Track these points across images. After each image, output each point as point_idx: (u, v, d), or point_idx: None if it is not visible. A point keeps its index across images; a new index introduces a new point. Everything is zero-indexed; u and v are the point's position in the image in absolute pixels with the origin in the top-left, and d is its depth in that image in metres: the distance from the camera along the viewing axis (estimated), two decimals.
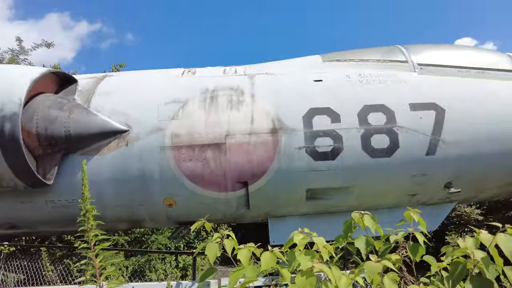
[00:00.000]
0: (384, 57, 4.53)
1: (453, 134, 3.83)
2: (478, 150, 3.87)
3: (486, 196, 4.58)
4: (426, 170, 3.86)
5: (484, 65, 4.45)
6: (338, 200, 4.00)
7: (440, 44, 4.87)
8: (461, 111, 3.93)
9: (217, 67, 4.78)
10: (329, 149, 3.77)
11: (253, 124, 3.86)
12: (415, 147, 3.80)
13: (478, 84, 4.21)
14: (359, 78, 4.19)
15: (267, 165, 3.77)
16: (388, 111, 3.88)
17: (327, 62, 4.53)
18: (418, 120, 3.85)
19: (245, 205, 3.96)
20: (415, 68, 4.37)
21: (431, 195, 4.08)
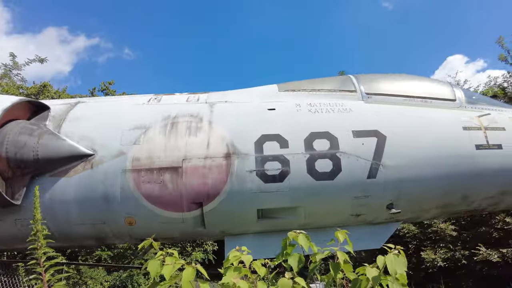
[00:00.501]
0: (335, 87, 4.93)
1: (393, 159, 4.18)
2: (417, 174, 4.21)
3: (429, 216, 4.89)
4: (367, 192, 4.19)
5: (427, 94, 4.85)
6: (288, 219, 4.31)
7: (389, 74, 5.28)
8: (401, 137, 4.29)
9: (184, 93, 5.15)
10: (278, 172, 4.10)
11: (209, 149, 4.21)
12: (356, 171, 4.13)
13: (419, 112, 4.60)
14: (308, 107, 4.56)
15: (220, 187, 4.09)
16: (332, 137, 4.23)
17: (282, 91, 4.92)
18: (360, 146, 4.20)
19: (201, 224, 4.26)
20: (362, 97, 4.76)
21: (375, 215, 4.40)
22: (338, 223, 4.48)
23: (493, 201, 4.64)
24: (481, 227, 10.43)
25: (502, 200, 4.67)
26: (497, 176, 4.39)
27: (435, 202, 4.46)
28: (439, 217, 5.27)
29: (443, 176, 4.26)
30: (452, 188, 4.36)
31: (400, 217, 4.54)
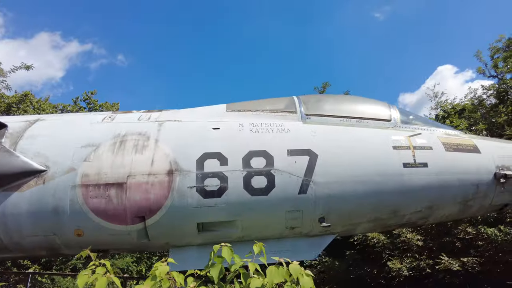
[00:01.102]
0: (278, 107, 5.29)
1: (323, 176, 4.52)
2: (346, 190, 4.56)
3: (362, 229, 5.23)
4: (299, 207, 4.52)
5: (363, 115, 5.23)
6: (227, 232, 4.62)
7: (331, 95, 5.68)
8: (332, 156, 4.64)
9: (141, 111, 5.49)
10: (216, 188, 4.42)
11: (153, 166, 4.52)
12: (289, 187, 4.47)
13: (353, 132, 4.96)
14: (251, 127, 4.91)
15: (162, 202, 4.40)
16: (268, 156, 4.57)
17: (229, 111, 5.27)
18: (293, 164, 4.54)
19: (145, 236, 4.56)
20: (302, 118, 5.13)
21: (310, 228, 4.72)
22: (276, 235, 4.81)
23: (422, 215, 4.99)
24: (446, 237, 10.79)
25: (430, 214, 5.02)
26: (424, 192, 4.74)
27: (366, 216, 4.80)
28: (373, 230, 5.58)
29: (372, 192, 4.61)
30: (381, 203, 4.70)
31: (334, 230, 4.87)
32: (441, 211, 5.04)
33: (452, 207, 5.01)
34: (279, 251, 4.80)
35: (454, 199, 4.91)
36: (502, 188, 4.88)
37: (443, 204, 4.92)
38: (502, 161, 5.01)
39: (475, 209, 5.16)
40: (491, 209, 5.39)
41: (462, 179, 4.84)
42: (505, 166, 4.99)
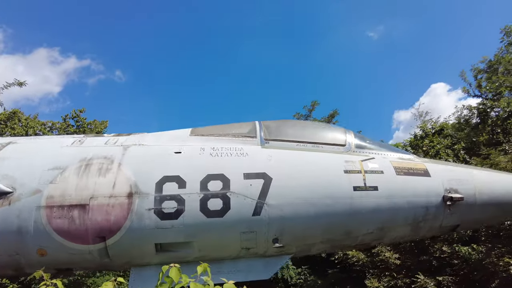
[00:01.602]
0: (240, 132, 5.58)
1: (276, 198, 4.77)
2: (298, 212, 4.79)
3: (318, 249, 5.43)
4: (253, 228, 4.74)
5: (319, 140, 5.52)
6: (184, 253, 4.83)
7: (291, 120, 5.98)
8: (285, 179, 4.89)
9: (111, 135, 5.77)
10: (173, 210, 4.65)
11: (114, 188, 4.76)
12: (243, 209, 4.70)
13: (308, 157, 5.24)
14: (211, 151, 5.18)
15: (121, 223, 4.62)
16: (225, 179, 4.82)
17: (193, 136, 5.55)
18: (248, 187, 4.79)
19: (106, 256, 4.75)
20: (261, 142, 5.41)
21: (264, 249, 4.93)
22: (232, 256, 5.01)
23: (375, 236, 5.21)
24: (423, 256, 10.94)
25: (383, 235, 5.25)
26: (374, 214, 4.98)
27: (319, 237, 5.02)
28: (330, 250, 5.78)
29: (323, 214, 4.85)
30: (333, 225, 4.93)
31: (289, 251, 5.08)
32: (393, 233, 5.27)
33: (403, 229, 5.24)
34: (236, 271, 5.00)
35: (405, 221, 5.14)
36: (448, 210, 5.13)
37: (394, 226, 5.16)
38: (451, 184, 5.27)
39: (426, 230, 5.39)
40: (443, 230, 5.62)
41: (412, 201, 5.09)
42: (453, 189, 5.25)
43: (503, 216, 5.98)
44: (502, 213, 5.60)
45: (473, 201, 5.26)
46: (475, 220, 5.56)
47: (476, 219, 5.51)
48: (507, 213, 5.68)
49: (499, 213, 5.58)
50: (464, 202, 5.22)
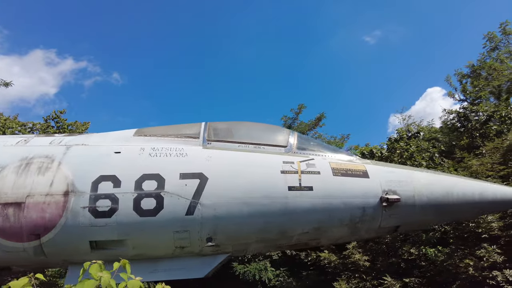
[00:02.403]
0: (184, 132, 5.66)
1: (210, 198, 4.85)
2: (232, 212, 4.87)
3: (254, 249, 5.50)
4: (186, 227, 4.82)
5: (261, 141, 5.60)
6: (119, 250, 4.89)
7: (236, 122, 6.05)
8: (221, 180, 4.98)
9: (56, 135, 5.85)
10: (107, 209, 4.73)
11: (52, 187, 4.85)
12: (177, 209, 4.78)
13: (247, 157, 5.32)
14: (151, 151, 5.27)
15: (56, 220, 4.71)
16: (161, 179, 4.91)
17: (136, 136, 5.64)
18: (183, 187, 4.87)
19: (42, 253, 4.83)
20: (203, 143, 5.49)
21: (199, 248, 5.00)
22: (168, 254, 5.09)
23: (311, 236, 5.29)
24: (392, 258, 11.00)
25: (320, 235, 5.33)
26: (309, 214, 5.06)
27: (254, 237, 5.09)
28: (267, 250, 5.85)
29: (258, 213, 4.92)
30: (267, 224, 5.01)
31: (225, 250, 5.15)
32: (330, 233, 5.34)
33: (340, 229, 5.31)
34: (171, 269, 5.07)
35: (341, 222, 5.21)
36: (385, 211, 5.20)
37: (330, 226, 5.23)
38: (390, 185, 5.35)
39: (365, 231, 5.45)
40: (384, 231, 5.68)
41: (348, 202, 5.16)
42: (391, 190, 5.32)
43: (445, 218, 6.04)
44: (443, 215, 5.67)
45: (412, 202, 5.33)
46: (415, 222, 5.63)
47: (417, 220, 5.57)
48: (448, 215, 5.75)
49: (440, 215, 5.64)
50: (403, 204, 5.29)
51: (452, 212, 5.62)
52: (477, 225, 9.62)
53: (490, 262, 8.78)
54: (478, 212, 6.25)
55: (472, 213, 6.04)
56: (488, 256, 8.83)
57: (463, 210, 5.61)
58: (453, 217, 6.32)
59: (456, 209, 5.56)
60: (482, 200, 5.55)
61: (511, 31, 19.41)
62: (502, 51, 19.97)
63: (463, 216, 6.38)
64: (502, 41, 19.98)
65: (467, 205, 5.53)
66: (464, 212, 5.78)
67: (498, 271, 8.62)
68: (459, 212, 5.68)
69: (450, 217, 6.24)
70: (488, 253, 8.89)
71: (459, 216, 6.21)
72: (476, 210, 5.81)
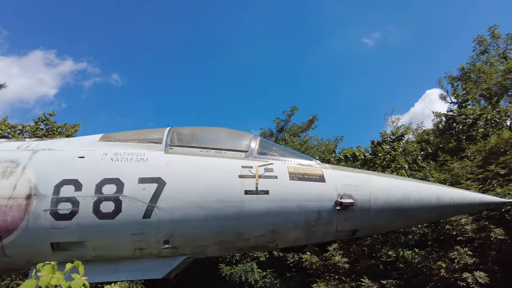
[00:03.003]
0: (148, 137, 5.85)
1: (167, 202, 5.03)
2: (188, 215, 5.05)
3: (213, 251, 5.66)
4: (143, 230, 5.00)
5: (223, 146, 5.78)
6: (80, 252, 5.08)
7: (201, 127, 6.24)
8: (179, 184, 5.15)
9: (25, 140, 6.06)
10: (68, 212, 4.92)
11: (15, 190, 5.05)
12: (134, 212, 4.96)
13: (207, 162, 5.50)
14: (113, 156, 5.45)
15: (18, 223, 4.90)
16: (120, 183, 5.09)
17: (102, 141, 5.83)
18: (141, 191, 5.06)
19: (4, 255, 5.02)
20: (165, 148, 5.68)
21: (157, 250, 5.18)
22: (129, 255, 5.26)
23: (268, 238, 5.45)
24: (371, 260, 11.14)
25: (276, 238, 5.49)
26: (264, 217, 5.22)
27: (210, 239, 5.27)
28: (226, 252, 6.00)
29: (213, 217, 5.10)
30: (223, 227, 5.18)
31: (183, 252, 5.32)
32: (286, 235, 5.50)
33: (296, 232, 5.47)
34: (132, 269, 5.25)
35: (296, 225, 5.38)
36: (338, 215, 5.36)
37: (286, 229, 5.39)
38: (345, 189, 5.50)
39: (322, 234, 5.61)
40: (341, 234, 5.83)
41: (303, 206, 5.32)
42: (347, 194, 5.48)
43: (403, 222, 6.18)
44: (401, 219, 5.82)
45: (368, 206, 5.48)
46: (372, 225, 5.76)
47: (374, 224, 5.70)
48: (406, 219, 5.89)
49: (398, 218, 5.79)
50: (358, 207, 5.45)
51: (409, 216, 5.77)
52: (452, 227, 9.76)
53: (462, 264, 8.91)
54: (436, 216, 6.39)
55: (430, 217, 6.19)
56: (460, 258, 8.96)
57: (421, 214, 5.77)
58: (411, 221, 6.45)
59: (413, 213, 5.71)
60: (440, 204, 5.71)
61: (499, 35, 19.51)
62: (491, 54, 20.06)
63: (421, 220, 6.52)
64: (491, 44, 20.07)
65: (425, 209, 5.68)
66: (421, 216, 5.93)
67: (469, 273, 8.76)
68: (416, 216, 5.83)
69: (409, 221, 6.37)
70: (460, 255, 9.02)
71: (417, 220, 6.34)
72: (434, 214, 5.96)
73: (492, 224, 9.15)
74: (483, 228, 9.40)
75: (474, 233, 9.49)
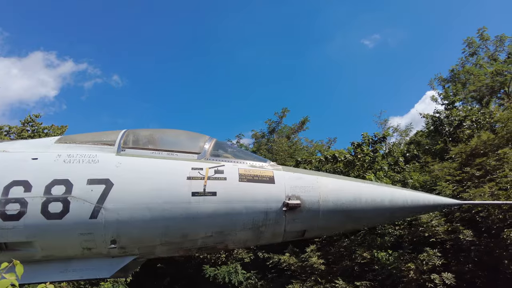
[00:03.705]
0: (102, 139, 5.96)
1: (114, 203, 5.13)
2: (134, 216, 5.14)
3: (161, 252, 5.73)
4: (90, 230, 5.10)
5: (176, 148, 5.87)
6: (29, 252, 5.20)
7: (156, 129, 6.35)
8: (126, 185, 5.26)
9: None
10: (16, 212, 5.04)
11: None
12: (81, 212, 5.07)
13: (157, 164, 5.59)
14: (66, 157, 5.57)
15: None
16: (69, 184, 5.20)
17: (58, 143, 5.95)
18: (89, 192, 5.16)
19: None
20: (118, 150, 5.78)
21: (106, 249, 5.27)
22: (78, 255, 5.36)
23: (216, 239, 5.53)
24: (347, 261, 11.18)
25: (224, 239, 5.56)
26: (211, 218, 5.30)
27: (157, 240, 5.35)
28: (175, 253, 6.06)
29: (159, 218, 5.19)
30: (170, 228, 5.27)
31: (132, 252, 5.42)
32: (234, 236, 5.57)
33: (244, 233, 5.55)
34: (81, 269, 5.35)
35: (244, 226, 5.45)
36: (284, 216, 5.43)
37: (233, 230, 5.47)
38: (294, 191, 5.57)
39: (271, 235, 5.67)
40: (291, 235, 5.88)
41: (250, 207, 5.40)
42: (295, 195, 5.54)
43: (355, 223, 6.21)
44: (351, 220, 5.87)
45: (316, 207, 5.54)
46: (322, 226, 5.81)
47: (323, 225, 5.76)
48: (357, 220, 5.94)
49: (348, 220, 5.85)
50: (306, 208, 5.51)
51: (360, 217, 5.82)
52: (425, 229, 9.79)
53: (430, 265, 8.94)
54: (389, 218, 6.41)
55: (382, 218, 6.23)
56: (428, 259, 8.99)
57: (373, 215, 5.83)
58: (362, 223, 6.48)
59: (364, 215, 5.77)
60: (393, 206, 5.77)
61: (488, 37, 19.44)
62: (480, 56, 20.00)
63: (373, 222, 6.55)
64: (480, 46, 20.01)
65: (377, 210, 5.75)
66: (373, 218, 5.98)
67: (437, 274, 8.79)
68: (368, 218, 5.89)
69: (359, 223, 6.41)
70: (429, 257, 9.05)
71: (369, 221, 6.36)
72: (387, 215, 6.01)
73: (461, 226, 9.17)
74: (453, 230, 9.42)
75: (446, 234, 9.51)
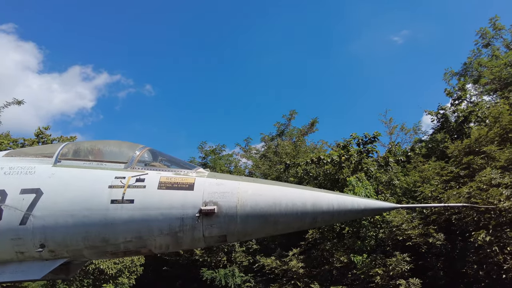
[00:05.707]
0: (43, 152, 6.53)
1: (41, 211, 5.64)
2: (58, 222, 5.62)
3: (89, 255, 6.11)
4: (20, 236, 5.64)
5: (106, 158, 6.29)
6: None
7: (92, 141, 6.81)
8: (54, 194, 5.75)
9: None
10: None
11: None
12: (12, 219, 5.63)
13: (85, 174, 6.04)
14: (7, 170, 6.19)
15: None
16: (4, 194, 5.80)
17: (5, 156, 6.61)
18: (21, 201, 5.72)
19: None
20: (55, 161, 6.31)
21: (34, 254, 5.77)
22: (13, 258, 5.92)
23: (137, 244, 5.81)
24: (325, 266, 11.03)
25: (145, 243, 5.83)
26: (128, 224, 5.63)
27: (81, 244, 5.76)
28: (101, 256, 6.40)
29: (81, 224, 5.62)
30: (90, 233, 5.66)
31: (61, 255, 5.88)
32: (154, 241, 5.82)
33: (163, 238, 5.79)
34: (16, 271, 5.91)
35: (161, 231, 5.70)
36: (197, 222, 5.61)
37: (151, 235, 5.73)
38: (212, 197, 5.73)
39: (189, 240, 5.85)
40: (211, 240, 5.99)
41: (166, 213, 5.65)
42: (212, 201, 5.70)
43: (273, 228, 6.11)
44: (270, 225, 5.89)
45: (233, 213, 5.66)
46: (241, 232, 5.83)
47: (242, 230, 5.80)
48: (276, 225, 5.94)
49: (267, 225, 5.88)
50: (223, 214, 5.65)
51: (279, 222, 5.84)
52: (398, 232, 9.44)
53: (397, 270, 8.63)
54: (311, 222, 6.26)
55: (303, 223, 6.14)
56: (396, 264, 8.69)
57: (292, 219, 5.83)
58: (282, 227, 6.31)
59: (284, 219, 5.80)
60: (315, 210, 5.77)
61: (502, 26, 17.97)
62: (495, 47, 18.56)
63: (294, 226, 6.37)
64: (494, 36, 18.56)
65: (298, 215, 5.77)
66: (293, 222, 5.96)
67: (404, 279, 8.47)
68: (286, 222, 5.89)
69: (279, 227, 6.26)
70: (397, 262, 8.74)
71: (287, 225, 6.20)
72: (308, 220, 5.96)
73: (432, 229, 8.74)
74: (425, 233, 9.01)
75: (419, 238, 9.12)
